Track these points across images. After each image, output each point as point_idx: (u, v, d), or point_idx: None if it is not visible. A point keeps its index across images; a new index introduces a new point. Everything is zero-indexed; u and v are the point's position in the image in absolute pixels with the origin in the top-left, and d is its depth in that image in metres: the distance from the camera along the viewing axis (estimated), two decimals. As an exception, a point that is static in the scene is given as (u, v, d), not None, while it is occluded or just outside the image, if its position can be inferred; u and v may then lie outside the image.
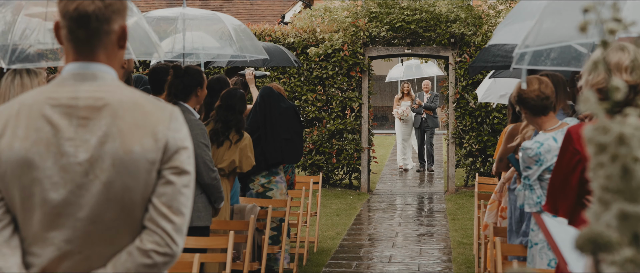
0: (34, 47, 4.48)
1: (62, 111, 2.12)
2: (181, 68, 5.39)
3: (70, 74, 2.16)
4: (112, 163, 2.09)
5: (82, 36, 2.13)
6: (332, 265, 8.55)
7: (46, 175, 2.08)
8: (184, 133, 2.19)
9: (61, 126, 2.11)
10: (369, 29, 14.07)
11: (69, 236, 2.10)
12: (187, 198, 2.16)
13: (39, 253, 2.12)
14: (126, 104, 2.14)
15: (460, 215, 11.74)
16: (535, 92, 4.36)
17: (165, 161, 2.13)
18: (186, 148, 2.17)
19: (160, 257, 2.12)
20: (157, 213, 2.12)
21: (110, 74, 2.18)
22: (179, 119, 2.19)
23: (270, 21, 20.50)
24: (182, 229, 2.15)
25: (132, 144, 2.10)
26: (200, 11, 7.76)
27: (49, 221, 2.10)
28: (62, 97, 2.13)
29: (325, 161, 14.28)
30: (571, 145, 3.07)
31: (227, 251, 4.98)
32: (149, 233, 2.12)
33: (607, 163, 1.09)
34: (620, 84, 1.13)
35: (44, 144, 2.10)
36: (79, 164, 2.09)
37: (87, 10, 2.10)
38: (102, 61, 2.17)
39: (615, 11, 1.15)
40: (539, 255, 4.34)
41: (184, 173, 2.15)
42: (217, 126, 6.02)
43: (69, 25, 2.13)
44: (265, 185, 7.25)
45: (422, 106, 16.88)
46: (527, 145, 4.36)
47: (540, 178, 4.34)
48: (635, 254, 1.06)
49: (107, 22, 2.13)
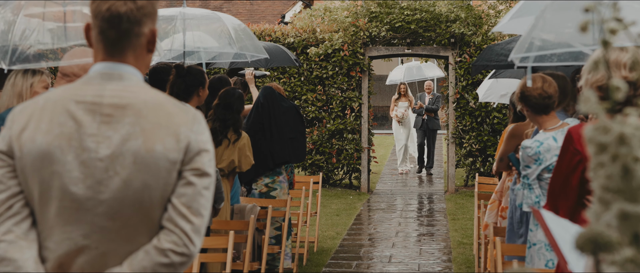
0: (34, 47, 4.49)
1: (87, 108, 2.13)
2: (184, 68, 5.39)
3: (98, 73, 2.18)
4: (134, 161, 2.10)
5: (113, 36, 2.15)
6: (332, 265, 8.55)
7: (66, 168, 2.09)
8: (206, 135, 2.21)
9: (84, 122, 2.12)
10: (369, 29, 14.07)
11: (87, 232, 2.11)
12: (206, 199, 2.17)
13: (55, 248, 2.13)
14: (150, 105, 2.16)
15: (460, 215, 11.74)
16: (538, 90, 4.36)
17: (186, 162, 2.14)
18: (208, 151, 2.19)
19: (177, 256, 2.12)
20: (176, 213, 2.13)
21: (137, 76, 2.21)
22: (202, 122, 2.21)
23: (270, 21, 20.51)
24: (201, 230, 2.16)
25: (155, 143, 2.11)
26: (200, 11, 7.75)
27: (67, 215, 2.11)
28: (87, 95, 2.15)
29: (325, 161, 14.28)
30: (572, 145, 3.07)
31: (227, 251, 4.98)
32: (167, 233, 2.13)
33: (607, 163, 1.09)
34: (620, 84, 1.13)
35: (66, 138, 2.11)
36: (100, 160, 2.10)
37: (119, 11, 2.13)
38: (130, 62, 2.19)
39: (615, 11, 1.15)
40: (537, 256, 4.34)
41: (205, 175, 2.16)
42: (215, 125, 6.01)
43: (101, 25, 2.15)
44: (270, 185, 7.29)
45: (424, 108, 16.43)
46: (527, 144, 4.36)
47: (539, 178, 4.34)
48: (636, 254, 1.06)
49: (138, 24, 2.16)
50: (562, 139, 4.26)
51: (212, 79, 6.75)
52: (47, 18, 4.75)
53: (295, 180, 8.97)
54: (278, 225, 7.23)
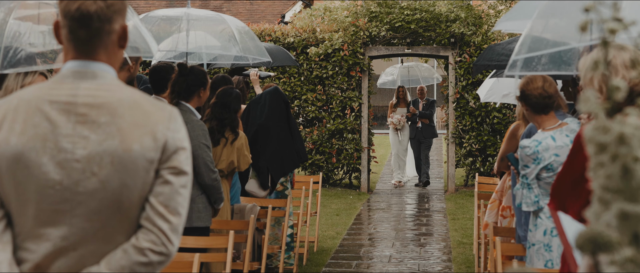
0: (26, 50, 4.47)
1: (61, 108, 2.11)
2: (186, 67, 5.38)
3: (70, 71, 2.16)
4: (111, 161, 2.09)
5: (84, 35, 2.13)
6: (332, 264, 8.55)
7: (42, 170, 2.08)
8: (183, 133, 2.19)
9: (59, 123, 2.10)
10: (368, 29, 14.07)
11: (65, 233, 2.10)
12: (184, 198, 2.16)
13: (34, 249, 2.11)
14: (126, 103, 2.14)
15: (460, 215, 11.74)
16: (538, 90, 4.36)
17: (163, 160, 2.13)
18: (185, 149, 2.18)
19: (155, 255, 2.12)
20: (154, 212, 2.12)
21: (110, 73, 2.18)
22: (178, 120, 2.20)
23: (270, 21, 20.51)
24: (178, 229, 2.15)
25: (132, 143, 2.10)
26: (204, 12, 7.77)
27: (45, 217, 2.09)
28: (61, 94, 2.13)
29: (325, 161, 14.28)
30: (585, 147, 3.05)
31: (227, 250, 4.98)
32: (145, 232, 2.12)
33: (607, 163, 1.09)
34: (620, 84, 1.13)
35: (41, 139, 2.09)
36: (76, 161, 2.08)
37: (89, 10, 2.10)
38: (102, 60, 2.17)
39: (615, 11, 1.15)
40: (536, 256, 4.34)
41: (182, 174, 2.15)
42: (212, 125, 5.98)
43: (70, 24, 2.13)
44: (284, 183, 7.43)
45: (417, 114, 15.19)
46: (525, 144, 4.36)
47: (538, 177, 4.34)
48: (635, 254, 1.06)
49: (108, 22, 2.13)
50: (560, 138, 4.27)
51: (215, 78, 6.74)
52: (42, 20, 4.74)
53: (295, 180, 8.98)
54: (291, 223, 7.37)
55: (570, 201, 3.14)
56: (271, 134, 7.11)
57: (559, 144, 4.28)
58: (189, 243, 4.98)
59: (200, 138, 5.20)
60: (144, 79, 6.90)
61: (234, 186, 6.37)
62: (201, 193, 5.28)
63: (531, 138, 4.42)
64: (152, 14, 7.51)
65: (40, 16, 4.82)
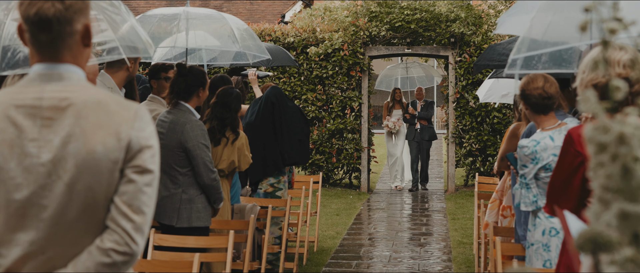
0: (24, 52, 4.46)
1: (27, 112, 2.11)
2: (185, 67, 5.37)
3: (37, 74, 2.15)
4: (75, 164, 2.08)
5: (45, 39, 2.12)
6: (332, 264, 8.55)
7: (9, 176, 2.08)
8: (149, 131, 2.18)
9: (25, 127, 2.10)
10: (369, 29, 14.07)
11: (33, 238, 2.10)
12: (149, 197, 2.15)
13: (4, 254, 2.11)
14: (90, 104, 2.13)
15: (460, 215, 11.74)
16: (538, 90, 4.36)
17: (128, 160, 2.12)
18: (150, 147, 2.16)
19: (119, 256, 2.11)
20: (117, 212, 2.11)
21: (77, 73, 2.17)
22: (144, 118, 2.18)
23: (270, 21, 20.51)
24: (143, 228, 2.14)
25: (95, 145, 2.09)
26: (204, 10, 7.76)
27: (14, 222, 2.09)
28: (27, 98, 2.13)
29: (325, 161, 14.29)
30: (572, 147, 3.06)
31: (227, 250, 4.98)
32: (109, 232, 2.11)
33: (607, 163, 1.09)
34: (620, 84, 1.13)
35: (8, 145, 2.09)
36: (42, 165, 2.08)
37: (47, 15, 2.08)
38: (68, 61, 2.16)
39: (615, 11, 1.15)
40: (535, 256, 4.34)
41: (146, 172, 2.14)
42: (213, 124, 5.98)
43: (31, 29, 2.12)
44: (275, 185, 7.34)
45: (415, 116, 14.57)
46: (524, 143, 4.36)
47: (536, 177, 4.34)
48: (636, 254, 1.06)
49: (69, 24, 2.12)
50: (558, 138, 4.27)
51: (214, 78, 6.74)
52: None
53: (295, 180, 8.98)
54: (281, 225, 7.26)
55: (562, 202, 3.15)
56: (255, 134, 7.09)
57: (557, 144, 4.28)
58: (189, 243, 4.98)
59: (199, 138, 5.20)
60: (142, 79, 6.90)
61: (234, 186, 6.37)
62: (200, 193, 5.28)
63: (530, 138, 4.43)
64: (150, 13, 7.51)
65: None
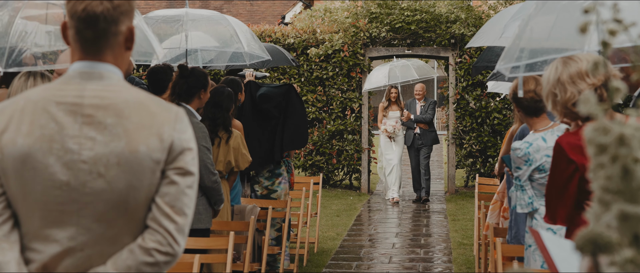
0: (31, 50, 4.47)
1: (67, 109, 2.12)
2: (187, 68, 5.37)
3: (77, 72, 2.17)
4: (117, 162, 2.10)
5: (90, 36, 2.14)
6: (332, 265, 8.55)
7: (49, 171, 2.09)
8: (189, 134, 2.21)
9: (66, 124, 2.11)
10: (369, 30, 14.08)
11: (72, 234, 2.11)
12: (190, 199, 2.17)
13: (41, 249, 2.12)
14: (132, 104, 2.15)
15: (460, 216, 11.74)
16: (530, 93, 4.38)
17: (170, 161, 2.14)
18: (191, 149, 2.19)
19: (162, 256, 2.13)
20: (160, 213, 2.13)
21: (117, 74, 2.19)
22: (185, 121, 2.21)
23: (271, 22, 20.52)
24: (185, 229, 2.17)
25: (138, 144, 2.11)
26: (204, 11, 7.77)
27: (53, 218, 2.10)
28: (67, 95, 2.14)
29: (325, 162, 14.29)
30: (564, 156, 3.09)
31: (228, 252, 4.98)
32: (151, 232, 2.13)
33: (607, 164, 1.09)
34: (620, 86, 1.13)
35: (48, 140, 2.10)
36: (83, 162, 2.09)
37: (95, 11, 2.11)
38: (109, 61, 2.18)
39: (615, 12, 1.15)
40: (532, 257, 4.34)
41: (188, 174, 2.17)
42: (205, 124, 5.96)
43: (77, 25, 2.13)
44: (269, 187, 7.29)
45: (413, 119, 12.92)
46: (516, 146, 4.37)
47: (530, 178, 4.34)
48: (636, 255, 1.06)
49: (115, 23, 2.14)
50: (551, 139, 4.27)
51: (225, 81, 6.73)
52: (50, 20, 4.74)
53: (295, 181, 8.97)
54: (278, 226, 7.23)
55: (559, 209, 3.18)
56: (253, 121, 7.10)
57: (550, 145, 4.28)
58: (189, 244, 4.98)
59: (200, 140, 5.20)
60: (136, 81, 6.89)
61: (235, 188, 6.36)
62: (201, 195, 5.28)
63: (522, 140, 4.43)
64: (151, 15, 7.51)
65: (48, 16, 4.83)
